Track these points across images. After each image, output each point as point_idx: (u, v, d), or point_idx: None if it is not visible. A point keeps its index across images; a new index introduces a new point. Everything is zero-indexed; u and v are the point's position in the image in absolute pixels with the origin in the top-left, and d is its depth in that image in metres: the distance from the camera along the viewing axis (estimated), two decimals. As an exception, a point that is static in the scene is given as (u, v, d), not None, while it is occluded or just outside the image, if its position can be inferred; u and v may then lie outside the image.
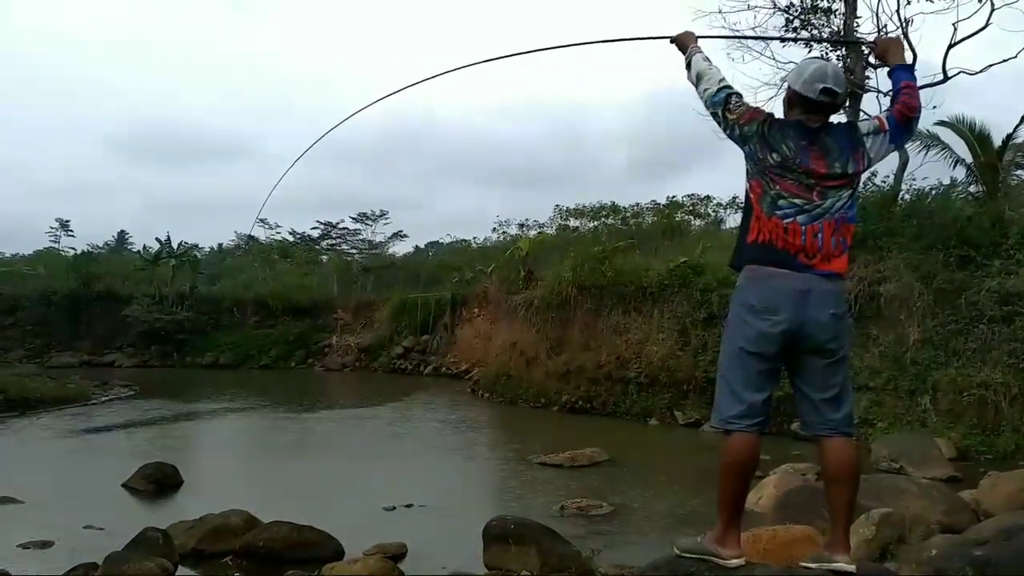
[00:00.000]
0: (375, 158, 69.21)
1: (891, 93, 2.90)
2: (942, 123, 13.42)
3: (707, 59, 2.97)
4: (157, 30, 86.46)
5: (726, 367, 2.73)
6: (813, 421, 2.70)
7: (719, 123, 2.84)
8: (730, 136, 2.82)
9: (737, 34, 12.16)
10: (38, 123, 77.77)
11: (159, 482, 7.99)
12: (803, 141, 2.68)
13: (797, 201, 2.65)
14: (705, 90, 2.88)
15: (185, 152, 76.32)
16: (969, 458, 9.08)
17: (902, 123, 2.77)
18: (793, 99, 2.77)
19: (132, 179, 70.34)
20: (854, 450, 2.71)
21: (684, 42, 3.07)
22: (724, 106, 2.80)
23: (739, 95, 2.84)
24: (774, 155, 2.68)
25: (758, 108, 2.84)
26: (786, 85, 2.86)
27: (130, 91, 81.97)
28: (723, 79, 2.89)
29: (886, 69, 2.98)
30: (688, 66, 3.01)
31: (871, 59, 14.54)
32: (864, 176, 3.10)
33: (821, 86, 2.69)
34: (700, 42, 3.06)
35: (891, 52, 2.97)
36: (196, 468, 9.11)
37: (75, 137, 78.59)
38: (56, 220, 43.52)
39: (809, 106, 2.73)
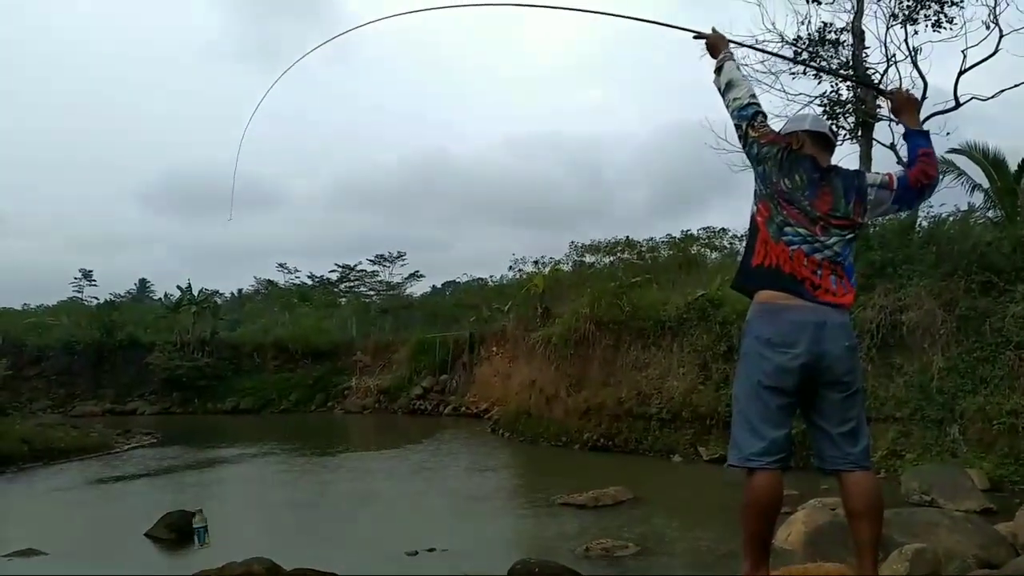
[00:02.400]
0: (396, 201, 70.12)
1: (908, 158, 2.90)
2: (955, 151, 13.40)
3: (739, 68, 3.00)
4: (187, 81, 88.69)
5: (743, 402, 2.69)
6: (832, 456, 2.67)
7: (740, 136, 2.89)
8: (747, 153, 2.87)
9: (769, 50, 12.14)
10: (72, 176, 79.64)
11: (181, 530, 7.97)
12: (815, 175, 2.74)
13: (802, 231, 2.69)
14: (735, 99, 2.90)
15: (210, 201, 77.58)
16: (1003, 489, 8.85)
17: (915, 188, 2.79)
18: (803, 140, 2.82)
19: (158, 229, 71.59)
20: (876, 483, 2.68)
21: (716, 45, 3.06)
22: (750, 122, 2.84)
23: (765, 115, 2.90)
24: (786, 181, 2.73)
25: (780, 133, 2.87)
26: (788, 132, 2.90)
27: (159, 143, 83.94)
28: (754, 94, 2.93)
29: (901, 128, 3.01)
30: (719, 71, 3.01)
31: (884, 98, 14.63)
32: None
33: (828, 125, 2.93)
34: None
35: (905, 113, 2.98)
36: (218, 515, 9.07)
37: (105, 189, 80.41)
38: (80, 271, 44.36)
39: (821, 142, 2.83)
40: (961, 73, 14.37)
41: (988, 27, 14.05)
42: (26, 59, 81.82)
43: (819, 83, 15.30)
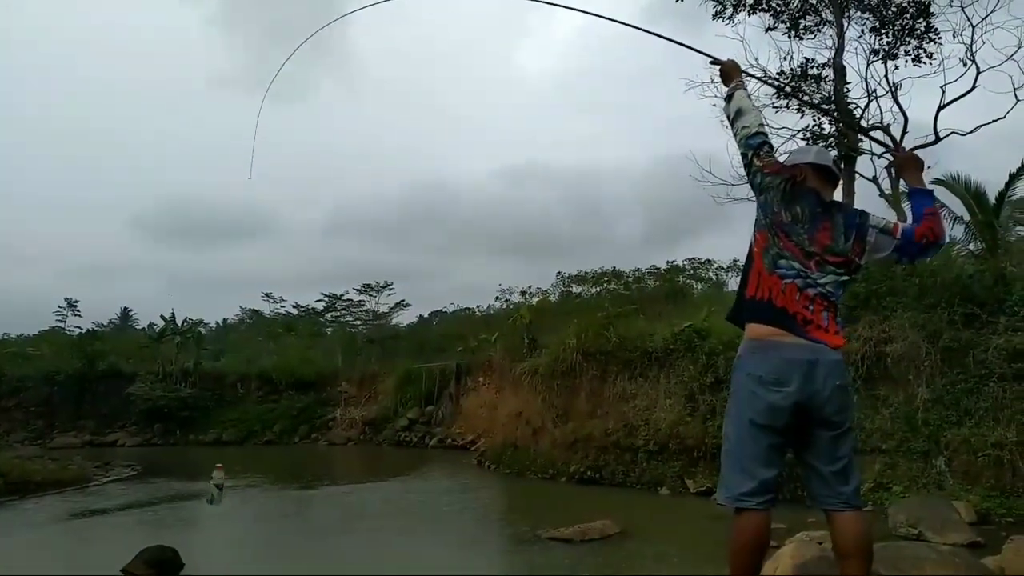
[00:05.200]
0: (387, 231, 70.36)
1: (913, 216, 2.85)
2: (937, 181, 13.60)
3: (750, 97, 3.01)
4: (189, 110, 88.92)
5: (734, 441, 2.66)
6: (823, 495, 2.64)
7: (745, 164, 2.89)
8: (751, 181, 2.87)
9: (783, 84, 12.15)
10: (67, 203, 79.23)
11: (160, 566, 7.76)
12: (817, 209, 2.73)
13: (796, 265, 2.67)
14: (744, 127, 2.90)
15: (204, 231, 77.65)
16: (990, 521, 8.83)
17: (920, 243, 2.73)
18: (807, 173, 2.82)
19: (148, 256, 71.22)
20: (866, 523, 2.66)
21: (729, 72, 3.08)
22: (756, 151, 2.84)
23: (772, 146, 2.91)
24: (787, 213, 2.72)
25: (785, 164, 2.87)
26: (792, 164, 2.89)
27: (156, 170, 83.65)
28: (762, 123, 2.95)
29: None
30: (729, 98, 3.01)
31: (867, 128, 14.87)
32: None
33: (832, 158, 2.92)
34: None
35: (908, 171, 2.95)
36: (198, 551, 8.88)
37: (99, 216, 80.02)
38: (65, 300, 43.82)
39: (825, 175, 2.84)
40: (941, 108, 14.67)
41: (965, 64, 14.41)
42: (24, 83, 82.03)
43: (801, 117, 15.57)
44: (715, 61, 3.18)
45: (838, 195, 3.21)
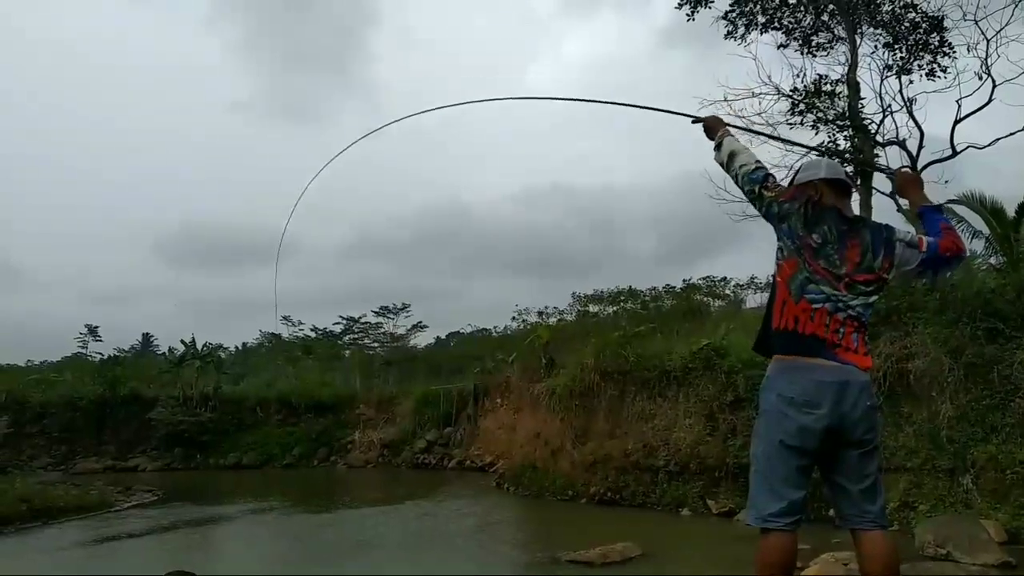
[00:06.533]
0: (410, 253, 70.85)
1: (930, 232, 2.83)
2: (952, 200, 13.51)
3: (738, 140, 3.04)
4: (212, 136, 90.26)
5: (763, 462, 2.65)
6: (851, 514, 2.62)
7: (754, 200, 2.86)
8: (765, 214, 2.84)
9: (766, 133, 12.18)
10: (90, 229, 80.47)
11: (181, 592, 7.79)
12: (844, 227, 2.71)
13: (825, 289, 2.64)
14: (742, 166, 2.90)
15: (223, 254, 78.65)
16: (1021, 541, 8.64)
17: (945, 255, 2.73)
18: (822, 189, 2.80)
19: (169, 281, 72.15)
20: (893, 543, 2.63)
21: (713, 125, 3.13)
22: (762, 184, 2.83)
23: (774, 176, 2.90)
24: (815, 236, 2.69)
25: (798, 186, 2.84)
26: (804, 181, 2.87)
27: (177, 195, 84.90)
28: (759, 159, 2.94)
29: (914, 205, 2.93)
30: (718, 147, 3.04)
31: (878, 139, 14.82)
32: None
33: (844, 170, 2.91)
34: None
35: (909, 191, 2.96)
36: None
37: (122, 244, 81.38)
38: (86, 326, 44.36)
39: (840, 189, 2.82)
40: (957, 122, 14.60)
41: (981, 78, 14.35)
42: (50, 108, 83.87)
43: (816, 133, 15.55)
44: (697, 120, 3.22)
45: (854, 211, 3.21)
